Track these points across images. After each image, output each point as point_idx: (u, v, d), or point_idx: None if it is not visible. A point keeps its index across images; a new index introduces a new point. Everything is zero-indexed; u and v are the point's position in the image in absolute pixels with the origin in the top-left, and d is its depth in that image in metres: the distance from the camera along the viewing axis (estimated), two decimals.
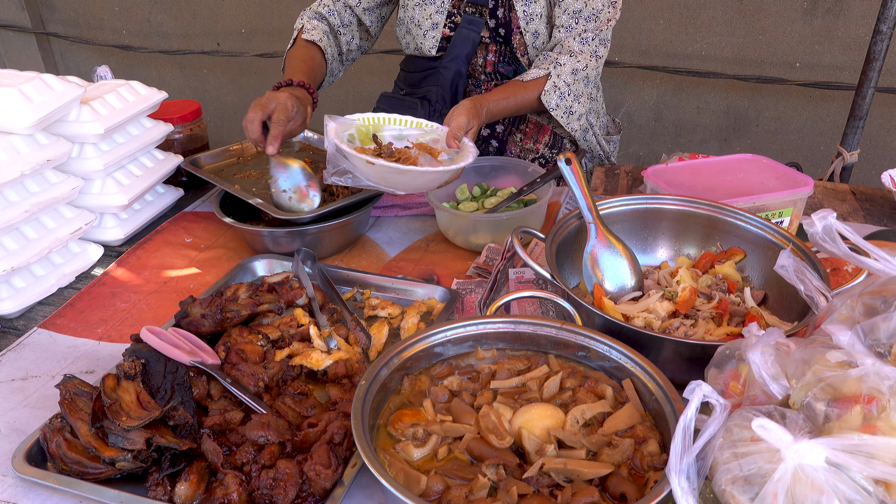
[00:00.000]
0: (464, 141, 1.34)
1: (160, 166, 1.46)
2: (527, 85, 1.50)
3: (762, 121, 2.85)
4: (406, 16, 1.65)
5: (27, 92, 1.16)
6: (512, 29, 1.56)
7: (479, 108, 1.41)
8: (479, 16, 1.58)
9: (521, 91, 1.49)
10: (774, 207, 1.30)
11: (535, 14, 1.53)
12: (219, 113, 3.83)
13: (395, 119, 1.40)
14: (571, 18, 1.50)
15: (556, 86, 1.50)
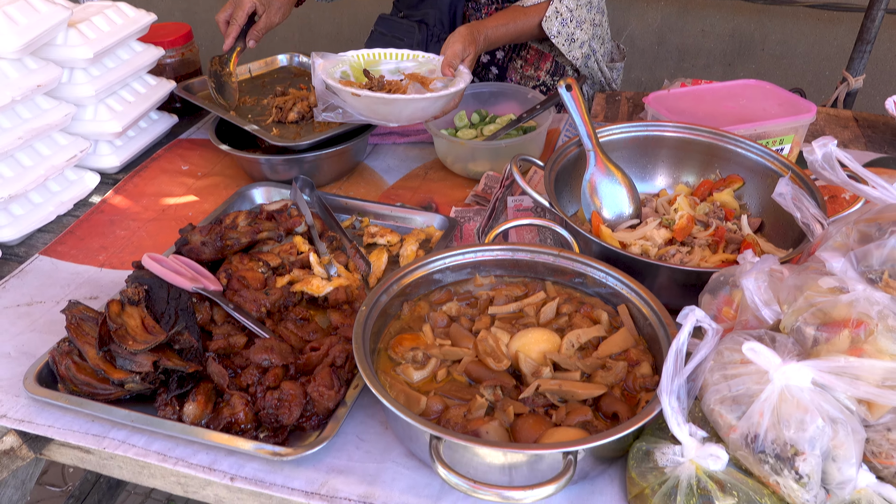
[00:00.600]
0: (462, 71, 1.31)
1: (153, 92, 1.43)
2: (527, 10, 1.45)
3: (767, 45, 2.79)
4: None
5: (12, 14, 1.13)
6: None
7: (477, 34, 1.37)
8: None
9: (521, 17, 1.45)
10: (776, 134, 1.29)
11: None
12: (210, 35, 3.71)
13: (390, 53, 1.37)
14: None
15: (559, 11, 1.46)
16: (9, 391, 0.89)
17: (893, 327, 0.67)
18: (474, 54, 1.36)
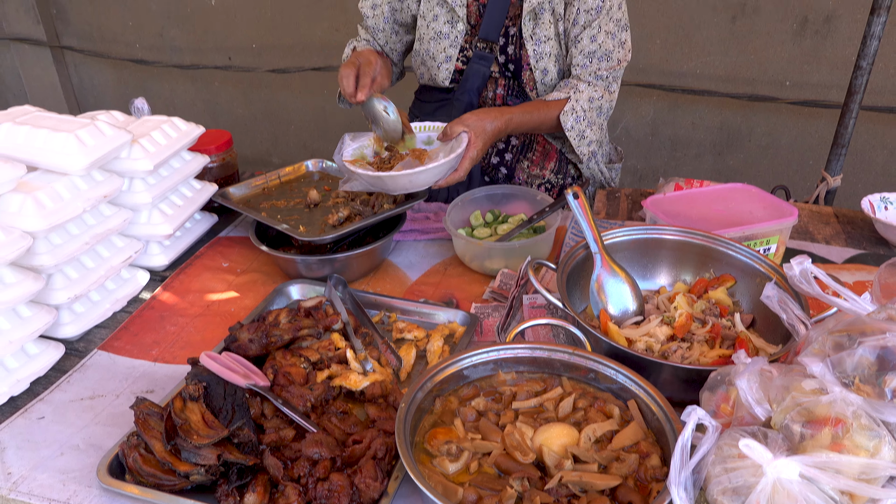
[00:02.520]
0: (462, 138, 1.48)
1: (198, 195, 1.58)
2: (549, 104, 1.64)
3: (754, 136, 2.99)
4: (422, 48, 1.77)
5: (82, 137, 1.28)
6: (522, 66, 1.69)
7: (499, 114, 1.55)
8: (490, 51, 1.71)
9: (543, 108, 1.64)
10: (763, 236, 1.43)
11: (544, 53, 1.65)
12: (229, 125, 3.95)
13: (422, 126, 1.59)
14: (586, 58, 1.63)
15: (574, 108, 1.64)
16: (82, 482, 0.99)
17: (866, 426, 0.78)
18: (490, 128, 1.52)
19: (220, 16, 3.62)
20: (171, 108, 4.05)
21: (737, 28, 2.80)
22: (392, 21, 1.82)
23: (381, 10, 1.80)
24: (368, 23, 1.83)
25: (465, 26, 1.69)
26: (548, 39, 1.64)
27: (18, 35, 4.05)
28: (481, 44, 1.69)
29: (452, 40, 1.71)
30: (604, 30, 1.61)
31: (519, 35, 1.66)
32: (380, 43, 1.86)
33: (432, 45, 1.73)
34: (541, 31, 1.63)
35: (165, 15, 3.73)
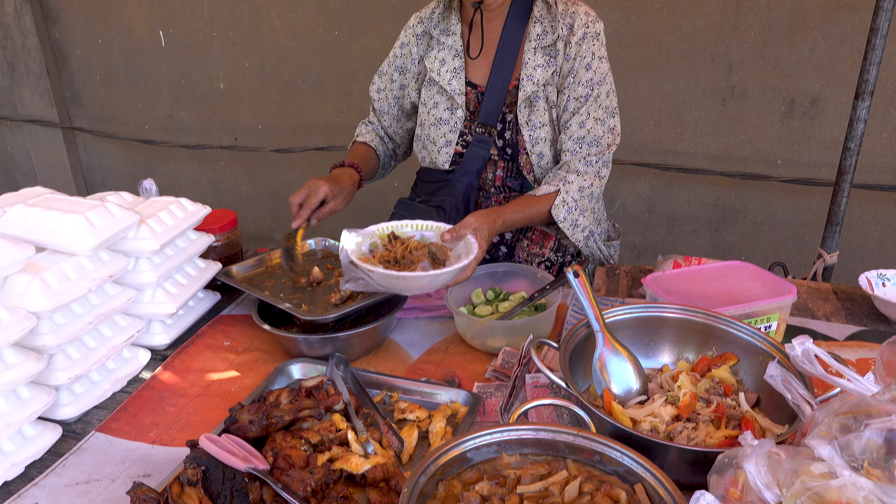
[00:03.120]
0: (470, 242, 1.48)
1: (202, 274, 1.60)
2: (539, 199, 1.67)
3: (749, 213, 3.04)
4: (423, 133, 1.84)
5: (91, 218, 1.31)
6: (518, 150, 1.74)
7: (496, 217, 1.57)
8: (489, 135, 1.76)
9: (534, 204, 1.66)
10: (763, 314, 1.43)
11: (539, 138, 1.71)
12: (233, 203, 4.03)
13: (413, 224, 1.57)
14: (576, 144, 1.68)
15: (565, 201, 1.67)
16: None
17: None
18: (488, 231, 1.54)
19: (228, 98, 3.76)
20: (177, 185, 4.14)
21: (727, 110, 2.91)
22: (396, 106, 1.90)
23: (385, 94, 1.89)
24: (375, 106, 1.93)
25: (465, 112, 1.76)
26: (542, 125, 1.70)
27: (32, 117, 4.19)
28: (480, 128, 1.75)
29: (452, 126, 1.77)
30: (592, 116, 1.68)
31: (515, 121, 1.72)
32: (384, 125, 1.94)
33: (433, 130, 1.79)
34: (536, 118, 1.70)
35: (175, 98, 3.87)
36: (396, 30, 3.30)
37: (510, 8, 1.69)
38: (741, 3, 2.74)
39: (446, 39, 1.76)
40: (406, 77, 1.86)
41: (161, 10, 3.68)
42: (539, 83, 1.67)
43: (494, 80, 1.71)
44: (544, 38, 1.67)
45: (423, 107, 1.81)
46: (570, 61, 1.66)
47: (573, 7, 1.67)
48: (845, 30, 2.63)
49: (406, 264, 1.44)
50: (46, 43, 3.99)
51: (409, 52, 1.83)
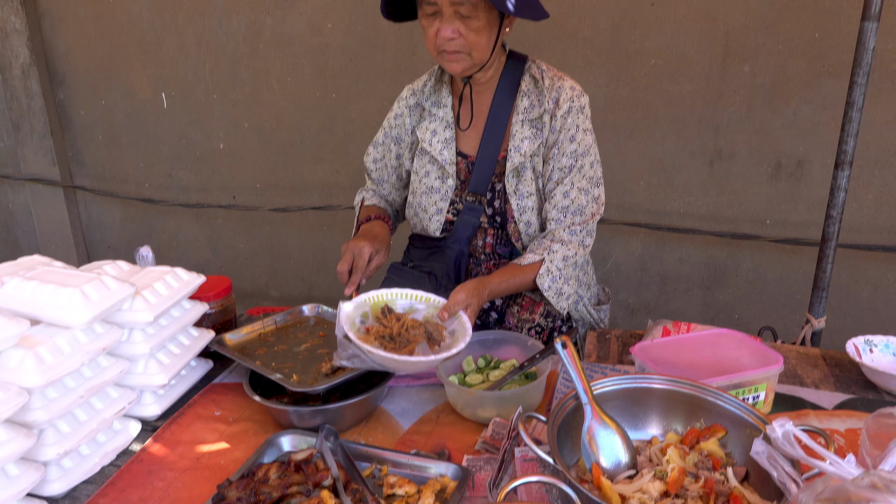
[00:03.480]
0: (463, 321, 1.51)
1: (195, 343, 1.61)
2: (524, 269, 1.70)
3: (741, 272, 3.07)
4: (415, 201, 1.88)
5: (87, 292, 1.33)
6: (507, 218, 1.78)
7: (482, 288, 1.60)
8: (479, 203, 1.81)
9: (519, 273, 1.69)
10: (751, 384, 1.45)
11: (527, 207, 1.75)
12: (230, 260, 4.06)
13: (405, 294, 1.59)
14: (560, 213, 1.73)
15: (549, 270, 1.70)
16: None
17: None
18: (477, 304, 1.58)
19: (227, 158, 3.84)
20: (175, 243, 4.18)
21: (715, 171, 2.97)
22: (395, 175, 1.95)
23: (383, 164, 1.95)
24: (374, 175, 1.99)
25: (455, 181, 1.81)
26: (530, 195, 1.75)
27: (34, 176, 4.25)
28: (471, 197, 1.80)
29: (443, 194, 1.82)
30: (576, 186, 1.72)
31: (504, 191, 1.77)
32: (384, 192, 1.99)
33: (424, 198, 1.84)
34: (523, 188, 1.74)
35: (175, 157, 3.95)
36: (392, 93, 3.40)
37: (499, 82, 1.76)
38: (725, 69, 2.83)
39: (437, 111, 1.82)
40: (401, 147, 1.91)
41: (164, 73, 3.79)
42: (526, 154, 1.72)
43: (484, 151, 1.76)
44: (531, 112, 1.73)
45: (415, 175, 1.86)
46: (555, 133, 1.72)
47: (559, 82, 1.74)
48: (826, 95, 2.72)
49: (402, 342, 1.45)
50: (52, 104, 4.08)
51: (402, 122, 1.90)
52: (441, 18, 1.57)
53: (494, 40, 1.64)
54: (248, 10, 3.50)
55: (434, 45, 1.62)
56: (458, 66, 1.64)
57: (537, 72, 1.76)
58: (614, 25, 2.91)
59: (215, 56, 3.64)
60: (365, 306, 1.54)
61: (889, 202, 2.77)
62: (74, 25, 3.89)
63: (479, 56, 1.63)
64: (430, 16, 1.59)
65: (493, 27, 1.61)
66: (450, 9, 1.55)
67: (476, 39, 1.59)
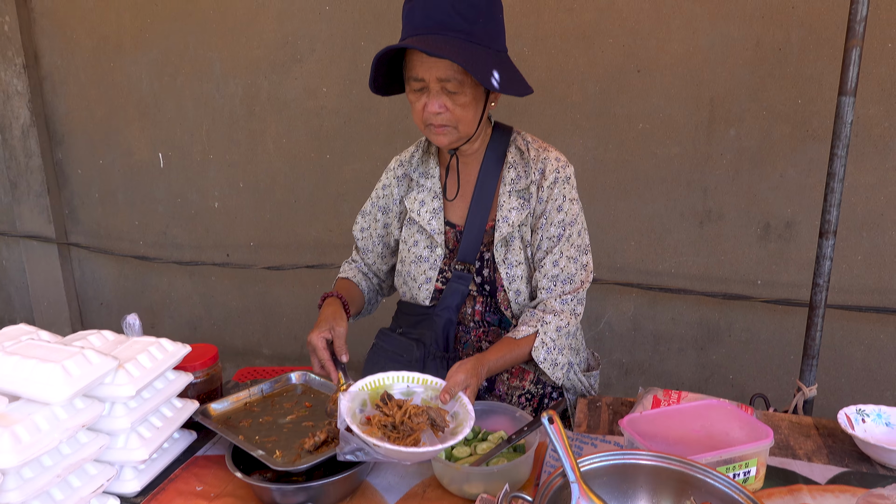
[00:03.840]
0: (464, 402, 1.49)
1: (178, 414, 1.59)
2: (520, 342, 1.70)
3: (733, 332, 3.06)
4: (404, 269, 1.89)
5: (68, 367, 1.31)
6: (496, 287, 1.79)
7: (480, 367, 1.59)
8: (468, 272, 1.81)
9: (515, 348, 1.69)
10: (741, 459, 1.42)
11: (516, 276, 1.76)
12: (223, 317, 4.04)
13: (402, 377, 1.57)
14: (550, 282, 1.73)
15: (544, 342, 1.70)
16: None
17: None
18: (476, 384, 1.56)
19: (222, 217, 3.86)
20: (168, 300, 4.17)
21: (705, 232, 3.00)
22: (381, 244, 1.96)
23: (369, 233, 1.96)
24: (359, 244, 1.99)
25: (444, 250, 1.82)
26: (518, 264, 1.76)
27: (29, 233, 4.27)
28: (459, 265, 1.81)
29: (432, 263, 1.82)
30: (565, 255, 1.74)
31: (492, 259, 1.78)
32: (368, 262, 2.00)
33: (413, 267, 1.84)
34: (512, 257, 1.75)
35: (171, 215, 3.98)
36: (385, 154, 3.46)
37: (485, 153, 1.79)
38: (712, 133, 2.89)
39: (425, 182, 1.85)
40: (389, 216, 1.93)
41: (161, 134, 3.86)
42: (514, 224, 1.74)
43: (472, 221, 1.78)
44: (518, 183, 1.76)
45: (404, 244, 1.87)
46: (542, 203, 1.74)
47: (544, 153, 1.77)
48: (812, 159, 2.77)
49: (406, 431, 1.43)
50: (49, 163, 4.14)
51: (390, 192, 1.92)
52: (428, 94, 1.61)
53: (480, 114, 1.67)
54: (245, 74, 3.59)
55: (421, 119, 1.65)
56: (444, 139, 1.67)
57: (522, 143, 1.79)
58: (602, 91, 2.98)
59: (212, 118, 3.71)
60: (363, 394, 1.52)
61: (878, 263, 2.78)
62: (75, 88, 3.98)
63: (465, 129, 1.66)
64: (417, 91, 1.63)
65: (480, 101, 1.65)
66: (437, 85, 1.59)
67: (462, 114, 1.62)
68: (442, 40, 1.53)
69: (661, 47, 2.87)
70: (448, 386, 1.50)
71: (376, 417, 1.45)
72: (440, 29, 1.54)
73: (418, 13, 1.57)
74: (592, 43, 2.95)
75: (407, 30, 1.61)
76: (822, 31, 2.65)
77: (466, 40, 1.55)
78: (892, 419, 1.69)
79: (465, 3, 1.55)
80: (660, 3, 2.84)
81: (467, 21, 1.55)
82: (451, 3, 1.54)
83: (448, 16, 1.54)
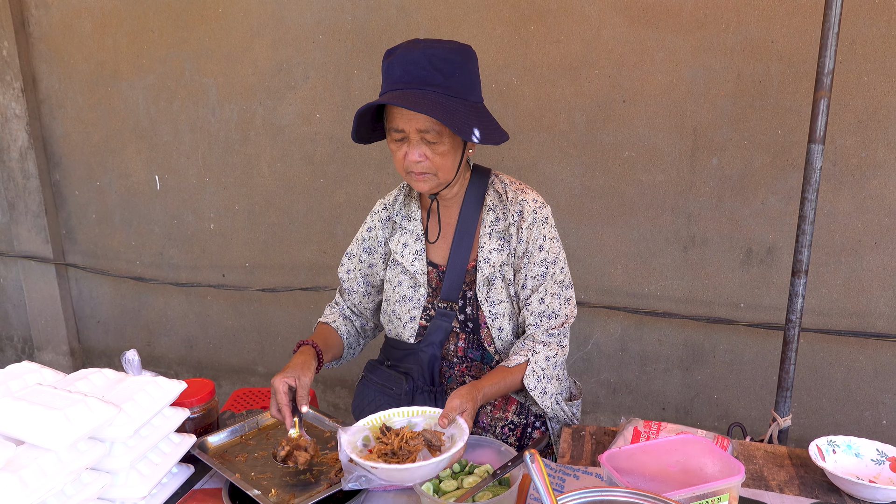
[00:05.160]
0: (459, 422, 1.57)
1: (176, 450, 1.65)
2: (512, 370, 1.78)
3: (718, 353, 3.14)
4: (389, 308, 1.96)
5: (70, 416, 1.37)
6: (479, 324, 1.86)
7: (476, 393, 1.67)
8: (451, 309, 1.88)
9: (509, 375, 1.78)
10: (713, 494, 1.50)
11: (499, 314, 1.83)
12: (218, 336, 4.10)
13: (401, 412, 1.64)
14: (537, 318, 1.81)
15: (535, 370, 1.78)
16: None
17: None
18: (472, 408, 1.64)
19: (217, 238, 3.93)
20: (164, 319, 4.22)
21: (689, 257, 3.08)
22: (365, 284, 2.03)
23: (354, 274, 2.03)
24: (345, 286, 2.05)
25: (427, 290, 1.89)
26: (501, 301, 1.83)
27: (27, 253, 4.33)
28: (442, 303, 1.88)
29: (415, 302, 1.89)
30: (550, 292, 1.81)
31: (475, 298, 1.85)
32: (353, 303, 2.07)
33: (398, 306, 1.91)
34: (494, 295, 1.83)
35: (167, 237, 4.04)
36: (378, 179, 3.53)
37: (465, 196, 1.87)
38: (695, 162, 2.97)
39: (408, 224, 1.92)
40: (374, 257, 2.00)
41: (158, 157, 3.92)
42: (495, 265, 1.81)
43: (454, 261, 1.85)
44: (497, 225, 1.83)
45: (388, 284, 1.95)
46: (523, 244, 1.82)
47: (521, 195, 1.84)
48: (792, 187, 2.85)
49: (404, 455, 1.50)
50: (47, 184, 4.19)
51: (375, 234, 1.99)
52: (408, 143, 1.68)
53: (459, 161, 1.75)
54: (240, 99, 3.66)
55: (402, 167, 1.73)
56: (425, 186, 1.74)
57: (500, 186, 1.87)
58: (588, 120, 3.06)
59: (208, 142, 3.78)
60: (364, 430, 1.59)
61: (856, 288, 2.87)
62: (73, 111, 4.04)
63: (444, 176, 1.73)
64: (398, 140, 1.70)
65: (458, 149, 1.72)
66: (416, 135, 1.66)
67: (441, 162, 1.69)
68: (421, 95, 1.60)
69: (645, 78, 2.95)
70: (445, 411, 1.57)
71: (377, 448, 1.53)
72: (419, 84, 1.61)
73: (397, 69, 1.64)
74: (579, 74, 3.04)
75: (387, 84, 1.68)
76: (800, 65, 2.73)
77: (444, 94, 1.62)
78: (861, 450, 1.76)
79: (441, 59, 1.62)
80: (644, 36, 2.93)
81: (444, 76, 1.62)
82: (429, 59, 1.61)
83: (426, 71, 1.61)
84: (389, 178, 3.37)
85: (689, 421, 3.26)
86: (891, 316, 2.83)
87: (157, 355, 4.31)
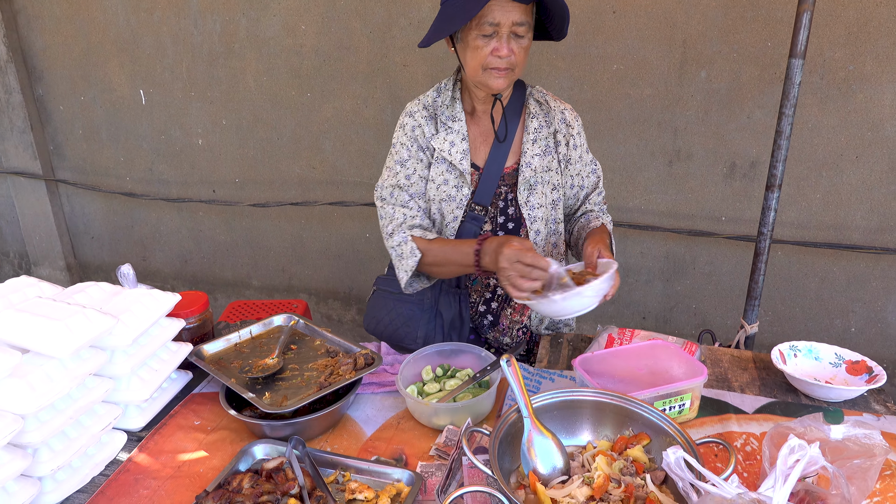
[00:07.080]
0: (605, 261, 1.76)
1: (174, 357, 1.75)
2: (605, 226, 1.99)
3: (698, 265, 3.24)
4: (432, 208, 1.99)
5: (71, 325, 1.45)
6: (520, 224, 1.99)
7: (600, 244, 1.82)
8: (484, 213, 1.97)
9: (605, 229, 1.96)
10: (677, 394, 1.61)
11: (537, 217, 1.96)
12: (211, 250, 4.17)
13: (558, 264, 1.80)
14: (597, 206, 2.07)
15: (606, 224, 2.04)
16: None
17: None
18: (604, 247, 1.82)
19: (206, 153, 3.92)
20: (158, 234, 4.28)
21: (673, 171, 3.11)
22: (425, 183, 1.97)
23: (416, 176, 1.95)
24: (410, 191, 1.96)
25: (469, 190, 1.94)
26: (540, 206, 1.96)
27: (16, 169, 4.32)
28: (478, 208, 1.95)
29: (459, 202, 1.95)
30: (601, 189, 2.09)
31: (516, 200, 1.97)
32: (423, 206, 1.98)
33: (443, 205, 1.96)
34: (534, 200, 1.95)
35: (155, 152, 4.03)
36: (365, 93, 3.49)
37: (508, 101, 1.95)
38: (683, 75, 2.95)
39: (453, 125, 1.93)
40: (425, 154, 1.95)
41: (141, 71, 3.85)
42: (537, 170, 1.93)
43: (491, 164, 1.91)
44: (541, 132, 1.95)
45: (432, 183, 1.95)
46: (577, 149, 2.00)
47: (560, 104, 1.99)
48: (779, 100, 2.85)
49: None
50: (31, 99, 4.13)
51: (422, 132, 1.94)
52: (498, 38, 1.72)
53: None
54: (222, 10, 3.56)
55: (483, 63, 1.75)
56: (504, 82, 1.79)
57: (539, 96, 1.99)
58: (578, 32, 3.01)
59: (192, 55, 3.70)
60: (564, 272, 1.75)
61: (835, 201, 2.93)
62: (51, 23, 3.92)
63: (519, 72, 1.82)
64: (487, 36, 1.72)
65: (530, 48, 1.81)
66: (508, 29, 1.71)
67: (523, 58, 1.78)
68: None
69: None
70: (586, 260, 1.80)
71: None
72: None
73: None
74: None
75: None
76: None
77: None
78: (820, 354, 1.88)
79: None
80: None
81: None
82: None
83: None
84: (378, 93, 3.33)
85: (668, 329, 3.40)
86: (866, 228, 2.91)
87: (152, 270, 4.40)
